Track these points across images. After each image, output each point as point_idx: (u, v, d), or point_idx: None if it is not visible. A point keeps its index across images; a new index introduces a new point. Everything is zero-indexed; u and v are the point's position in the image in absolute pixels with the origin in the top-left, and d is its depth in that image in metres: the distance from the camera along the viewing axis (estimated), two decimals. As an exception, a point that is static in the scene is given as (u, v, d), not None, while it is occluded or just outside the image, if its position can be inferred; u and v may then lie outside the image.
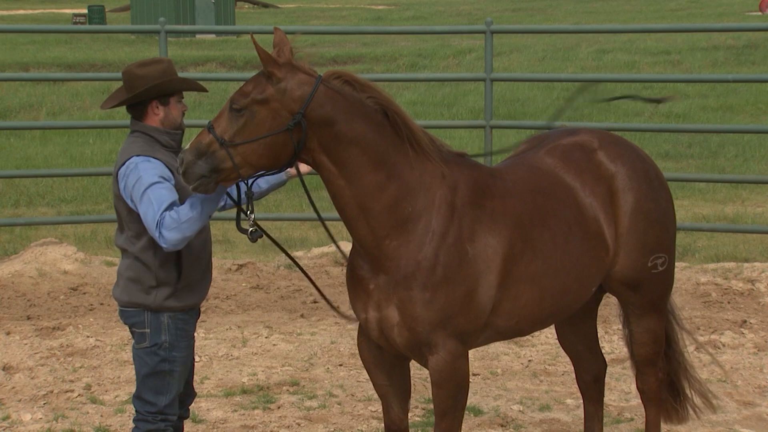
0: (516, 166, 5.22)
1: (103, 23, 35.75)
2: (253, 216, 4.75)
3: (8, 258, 10.08)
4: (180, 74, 5.17)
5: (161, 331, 4.89)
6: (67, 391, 7.10)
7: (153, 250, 4.82)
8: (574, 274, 5.04)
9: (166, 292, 4.86)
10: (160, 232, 4.64)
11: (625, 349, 5.94)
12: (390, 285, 4.70)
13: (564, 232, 5.01)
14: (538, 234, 4.93)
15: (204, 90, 5.03)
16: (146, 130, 4.87)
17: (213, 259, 5.18)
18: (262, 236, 4.82)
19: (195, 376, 7.30)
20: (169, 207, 4.66)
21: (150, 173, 4.72)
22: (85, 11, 37.51)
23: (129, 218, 4.83)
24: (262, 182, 5.04)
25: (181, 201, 4.76)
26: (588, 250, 5.09)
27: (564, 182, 5.13)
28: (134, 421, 5.02)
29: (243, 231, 4.78)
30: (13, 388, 7.22)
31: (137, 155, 4.77)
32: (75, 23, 35.96)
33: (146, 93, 4.84)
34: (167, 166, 4.80)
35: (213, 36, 32.56)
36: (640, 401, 5.78)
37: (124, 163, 4.79)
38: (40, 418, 6.63)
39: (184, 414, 5.22)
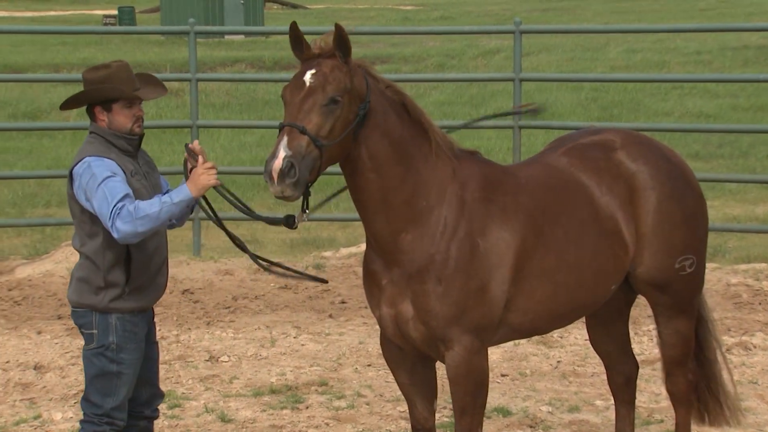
0: (530, 163, 5.24)
1: (133, 24, 35.91)
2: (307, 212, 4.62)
3: (39, 258, 10.14)
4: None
5: (109, 333, 4.86)
6: (97, 391, 7.13)
7: (104, 251, 4.80)
8: (590, 270, 5.01)
9: (114, 293, 4.84)
10: (113, 222, 4.62)
11: (656, 350, 5.90)
12: (404, 279, 4.69)
13: (577, 228, 4.98)
14: (550, 230, 4.91)
15: (135, 98, 4.82)
16: (102, 132, 4.85)
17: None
18: (300, 223, 4.68)
19: (224, 376, 7.36)
20: (124, 198, 4.64)
21: (102, 170, 4.70)
22: (116, 12, 37.70)
23: (81, 217, 4.83)
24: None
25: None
26: (604, 248, 5.05)
27: (578, 180, 5.10)
28: (80, 422, 4.98)
29: (264, 267, 4.69)
30: (45, 387, 7.26)
31: (90, 155, 4.77)
32: (105, 24, 36.13)
33: (74, 100, 4.87)
34: (121, 168, 4.77)
35: (242, 37, 32.61)
36: (670, 403, 5.74)
37: (77, 163, 4.79)
38: (71, 417, 6.66)
39: (152, 414, 5.15)
